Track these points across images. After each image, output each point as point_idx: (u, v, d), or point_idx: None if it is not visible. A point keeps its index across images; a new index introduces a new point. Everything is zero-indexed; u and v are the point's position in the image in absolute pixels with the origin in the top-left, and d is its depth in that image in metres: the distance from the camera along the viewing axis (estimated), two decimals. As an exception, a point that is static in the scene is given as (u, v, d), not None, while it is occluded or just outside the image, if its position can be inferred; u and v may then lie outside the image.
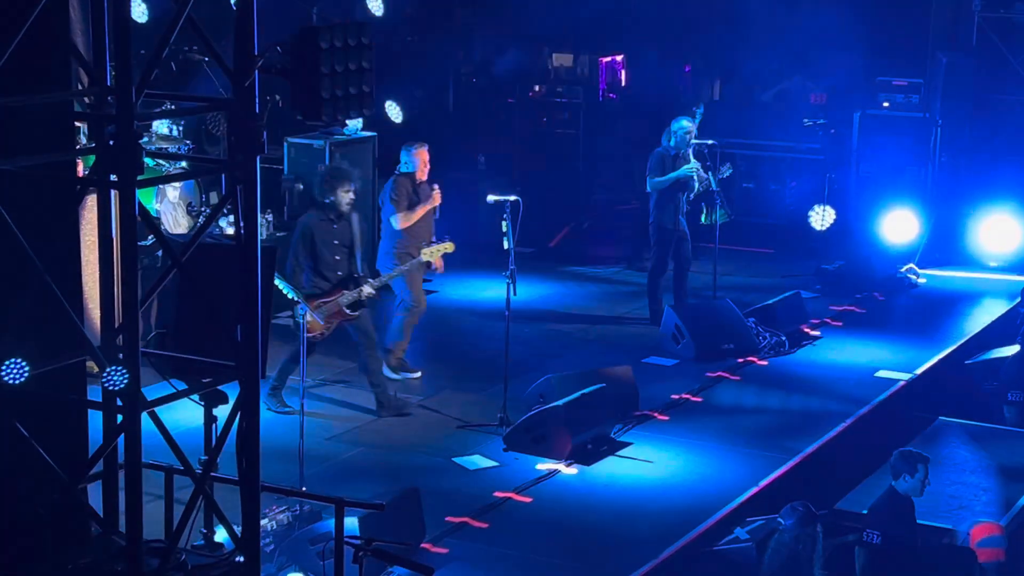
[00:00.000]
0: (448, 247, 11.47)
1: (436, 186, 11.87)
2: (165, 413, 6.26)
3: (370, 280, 11.06)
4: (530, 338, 13.09)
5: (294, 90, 6.38)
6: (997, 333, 13.79)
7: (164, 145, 13.19)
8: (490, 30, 17.72)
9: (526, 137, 18.68)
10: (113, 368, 5.75)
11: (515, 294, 11.10)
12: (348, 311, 10.91)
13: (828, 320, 14.18)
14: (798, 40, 17.49)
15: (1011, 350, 12.70)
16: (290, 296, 9.50)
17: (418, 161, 11.87)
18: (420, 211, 11.79)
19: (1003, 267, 15.76)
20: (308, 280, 10.88)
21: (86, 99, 6.44)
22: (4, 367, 5.56)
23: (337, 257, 10.97)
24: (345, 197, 11.00)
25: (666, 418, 11.48)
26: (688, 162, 13.55)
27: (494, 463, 10.43)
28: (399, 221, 11.73)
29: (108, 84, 6.23)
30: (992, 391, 12.40)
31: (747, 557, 9.23)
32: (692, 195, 13.81)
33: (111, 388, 5.76)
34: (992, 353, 13.08)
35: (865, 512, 9.58)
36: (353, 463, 10.38)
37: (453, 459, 10.48)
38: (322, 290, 10.86)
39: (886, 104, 17.13)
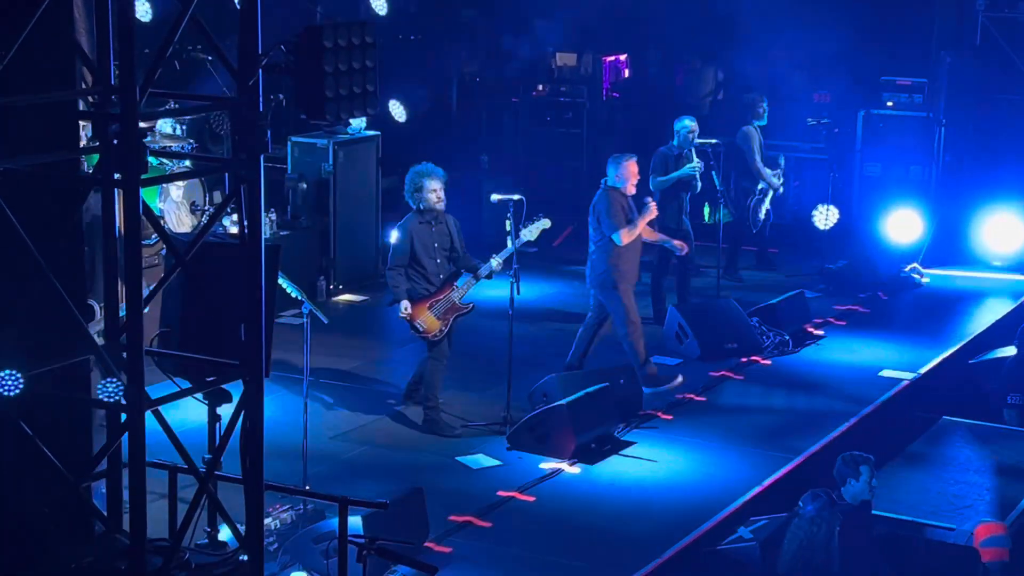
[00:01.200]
0: (545, 223, 11.39)
1: (650, 199, 11.85)
2: (169, 412, 6.26)
3: (479, 270, 10.98)
4: (534, 337, 13.08)
5: (298, 89, 6.38)
6: (1001, 333, 13.78)
7: (168, 144, 13.20)
8: (494, 29, 17.73)
9: (529, 136, 18.69)
10: (108, 380, 5.75)
11: (519, 293, 11.09)
12: (460, 304, 10.93)
13: (832, 320, 14.17)
14: (802, 39, 17.47)
15: (1011, 351, 12.68)
16: (294, 295, 9.47)
17: (628, 174, 11.74)
18: (642, 224, 11.73)
19: (1007, 267, 15.74)
20: (413, 285, 10.83)
21: (90, 98, 6.45)
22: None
23: (438, 260, 10.91)
24: (433, 195, 10.87)
25: (670, 417, 11.48)
26: (691, 161, 13.54)
27: (497, 462, 10.43)
28: (623, 237, 11.59)
29: (112, 83, 6.24)
30: (993, 391, 12.39)
31: (751, 557, 9.21)
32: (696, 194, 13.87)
33: (106, 400, 5.75)
34: (994, 353, 13.07)
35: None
36: (357, 462, 10.38)
37: (457, 458, 10.48)
38: (430, 292, 10.85)
39: (890, 103, 17.13)
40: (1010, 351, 12.62)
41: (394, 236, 10.97)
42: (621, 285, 11.71)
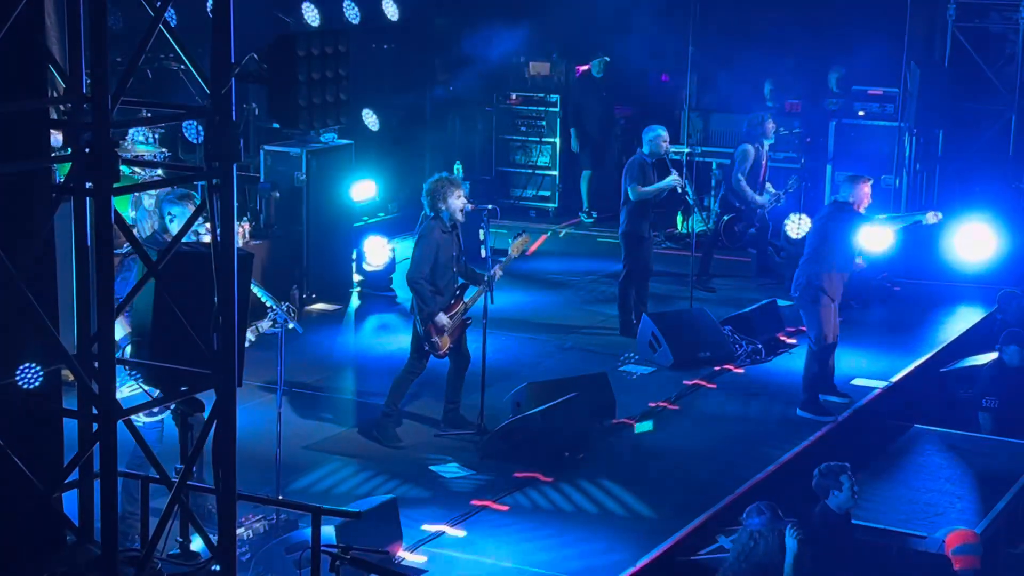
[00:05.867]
0: (526, 238, 11.35)
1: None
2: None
3: (480, 284, 10.91)
4: (507, 346, 13.08)
5: (271, 98, 6.38)
6: (972, 341, 13.84)
7: (140, 153, 13.16)
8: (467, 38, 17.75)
9: (503, 145, 18.71)
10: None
11: (492, 302, 11.10)
12: (464, 318, 10.90)
13: (804, 328, 14.17)
14: (774, 48, 17.54)
15: (986, 357, 12.74)
16: (268, 304, 9.44)
17: (861, 196, 11.80)
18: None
19: (978, 275, 15.82)
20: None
21: (62, 107, 6.43)
22: (19, 371, 5.55)
23: (454, 269, 10.82)
24: (459, 203, 10.69)
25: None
26: (668, 171, 13.55)
27: (471, 471, 10.42)
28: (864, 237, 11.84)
29: (84, 92, 6.22)
30: (967, 399, 12.45)
31: None
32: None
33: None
34: (967, 361, 13.13)
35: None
36: (330, 471, 10.36)
37: (430, 467, 10.47)
38: (443, 306, 10.75)
39: (861, 113, 17.20)
40: (983, 358, 12.68)
41: (416, 248, 10.79)
42: (823, 301, 11.75)
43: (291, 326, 9.32)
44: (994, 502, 10.62)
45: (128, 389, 7.80)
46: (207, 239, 8.36)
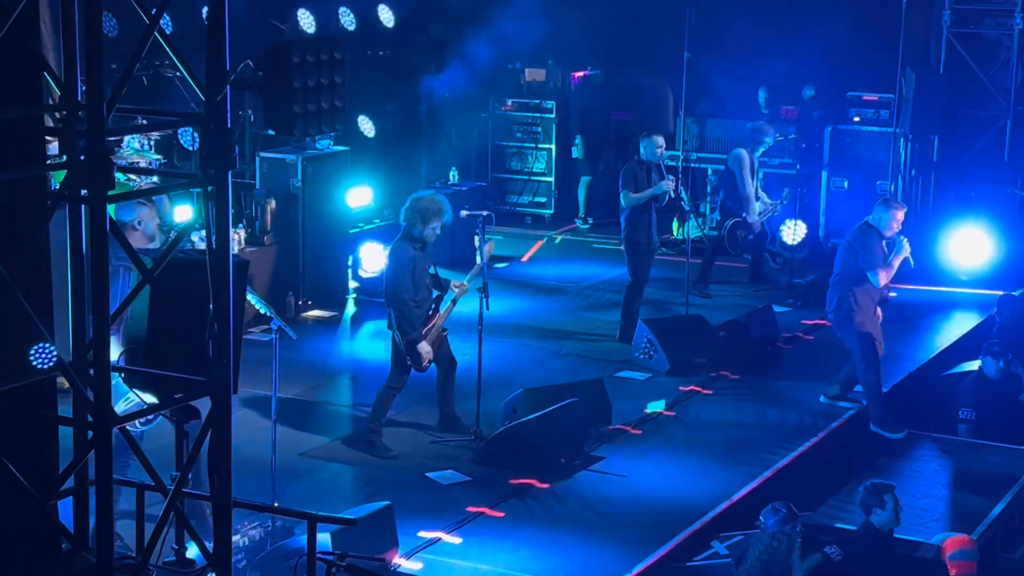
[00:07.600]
0: (490, 246, 11.32)
1: (904, 238, 11.87)
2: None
3: (452, 291, 10.94)
4: (503, 352, 13.08)
5: (267, 105, 6.37)
6: (968, 347, 13.84)
7: (135, 160, 13.16)
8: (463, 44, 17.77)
9: (498, 151, 18.73)
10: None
11: (488, 308, 11.10)
12: (442, 330, 10.94)
13: (800, 334, 14.21)
14: (769, 55, 17.56)
15: (976, 364, 12.74)
16: (263, 311, 9.44)
17: (893, 221, 11.77)
18: (896, 263, 11.83)
19: (973, 281, 15.83)
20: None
21: (57, 114, 6.42)
22: (33, 351, 5.55)
23: (428, 284, 10.85)
24: (433, 235, 10.74)
25: (639, 432, 11.49)
26: (661, 177, 13.57)
27: (467, 478, 10.42)
28: (881, 277, 11.72)
29: (79, 99, 6.21)
30: (950, 408, 12.45)
31: (727, 572, 9.21)
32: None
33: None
34: (962, 367, 13.13)
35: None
36: (326, 478, 10.35)
37: (426, 474, 10.46)
38: (421, 320, 10.78)
39: (857, 119, 17.22)
40: (977, 364, 12.69)
41: (390, 265, 10.81)
42: (857, 318, 11.74)
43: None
44: (990, 507, 10.63)
45: (122, 405, 7.80)
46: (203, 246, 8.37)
